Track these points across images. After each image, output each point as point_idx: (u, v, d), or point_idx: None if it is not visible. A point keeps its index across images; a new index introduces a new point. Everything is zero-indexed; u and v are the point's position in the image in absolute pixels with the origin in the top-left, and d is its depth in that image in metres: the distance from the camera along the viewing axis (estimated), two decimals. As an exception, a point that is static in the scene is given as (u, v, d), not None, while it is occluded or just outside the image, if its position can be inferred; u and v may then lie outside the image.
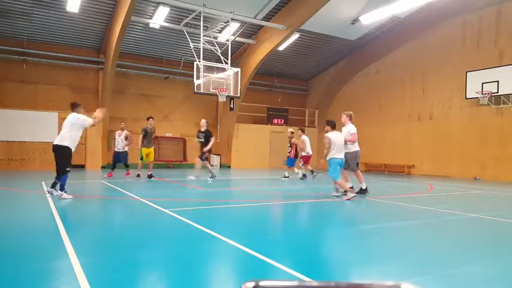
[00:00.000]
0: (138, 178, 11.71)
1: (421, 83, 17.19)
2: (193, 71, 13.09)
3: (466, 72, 15.06)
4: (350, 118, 8.65)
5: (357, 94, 20.17)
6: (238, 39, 16.82)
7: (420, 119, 17.22)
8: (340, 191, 8.32)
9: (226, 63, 13.68)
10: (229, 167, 19.34)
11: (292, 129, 13.45)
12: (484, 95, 14.37)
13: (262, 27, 16.41)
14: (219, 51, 13.87)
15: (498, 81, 14.07)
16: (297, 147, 13.00)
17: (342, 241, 4.67)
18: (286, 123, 20.76)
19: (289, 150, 13.15)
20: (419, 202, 7.90)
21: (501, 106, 14.32)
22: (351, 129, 8.49)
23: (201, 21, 13.48)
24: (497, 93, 14.14)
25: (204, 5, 13.11)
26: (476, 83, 14.70)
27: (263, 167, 19.93)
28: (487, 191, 10.48)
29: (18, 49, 15.54)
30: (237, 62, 18.05)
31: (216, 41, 14.51)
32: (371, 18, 15.80)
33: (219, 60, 13.90)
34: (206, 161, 11.83)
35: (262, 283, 0.72)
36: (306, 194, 9.09)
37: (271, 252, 3.85)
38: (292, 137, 13.12)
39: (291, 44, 17.88)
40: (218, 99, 13.91)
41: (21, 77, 15.96)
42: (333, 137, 7.85)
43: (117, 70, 16.53)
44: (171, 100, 19.21)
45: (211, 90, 13.34)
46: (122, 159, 12.29)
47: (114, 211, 6.64)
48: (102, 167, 16.11)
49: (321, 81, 22.72)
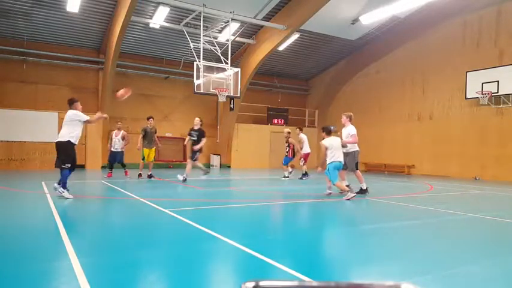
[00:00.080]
0: (139, 178, 11.72)
1: (421, 83, 17.19)
2: (193, 71, 13.09)
3: (466, 72, 15.06)
4: (350, 119, 8.72)
5: (357, 94, 20.17)
6: (238, 39, 16.82)
7: (420, 119, 17.22)
8: (333, 189, 8.47)
9: (226, 63, 13.68)
10: (229, 167, 19.34)
11: (289, 129, 13.51)
12: (484, 95, 14.37)
13: (262, 27, 16.41)
14: (219, 51, 13.87)
15: (498, 81, 14.07)
16: (294, 147, 13.06)
17: (342, 241, 4.67)
18: (286, 123, 20.74)
19: (287, 150, 13.18)
20: (419, 202, 7.90)
21: (501, 106, 14.32)
22: (351, 130, 8.54)
23: (201, 21, 13.48)
24: (497, 93, 14.14)
25: (204, 5, 13.12)
26: (476, 83, 14.70)
27: (263, 167, 19.93)
28: (487, 191, 10.48)
29: (18, 49, 15.54)
30: (237, 62, 18.05)
31: (216, 41, 14.51)
32: (371, 18, 15.80)
33: (219, 60, 13.90)
34: (197, 161, 11.19)
35: (262, 283, 0.72)
36: (306, 194, 9.09)
37: (271, 252, 3.85)
38: (289, 137, 13.15)
39: (291, 44, 17.88)
40: (218, 99, 13.91)
41: (21, 77, 15.96)
42: (328, 143, 8.06)
43: (117, 70, 16.52)
44: (171, 100, 19.22)
45: (211, 90, 13.34)
46: (118, 159, 12.20)
47: (114, 211, 6.64)
48: (102, 167, 16.11)
49: (321, 81, 22.72)
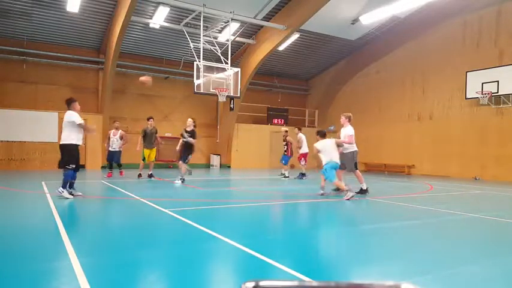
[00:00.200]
0: (139, 178, 11.71)
1: (421, 83, 17.19)
2: (193, 71, 13.09)
3: (466, 72, 15.07)
4: (349, 120, 8.82)
5: (357, 94, 20.17)
6: (238, 39, 16.82)
7: (420, 119, 17.22)
8: (325, 189, 8.55)
9: (226, 63, 13.68)
10: (229, 167, 19.34)
11: (286, 128, 13.57)
12: (484, 95, 14.38)
13: (262, 27, 16.41)
14: (219, 51, 13.87)
15: (498, 81, 14.08)
16: (291, 145, 13.11)
17: (342, 241, 4.67)
18: (286, 123, 20.74)
19: (285, 149, 13.21)
20: (419, 202, 7.91)
21: (501, 106, 14.32)
22: (348, 131, 8.67)
23: (201, 21, 13.48)
24: (497, 93, 14.14)
25: (204, 5, 13.12)
26: (476, 83, 14.70)
27: (263, 167, 19.93)
28: (487, 191, 10.48)
29: (18, 49, 15.54)
30: (237, 62, 18.05)
31: (216, 41, 14.51)
32: (371, 18, 15.81)
33: (219, 60, 13.90)
34: (185, 164, 10.93)
35: (262, 283, 0.72)
36: (305, 194, 9.09)
37: (271, 252, 3.85)
38: (286, 136, 13.21)
39: (291, 44, 17.88)
40: (218, 99, 13.91)
41: (21, 77, 15.96)
42: (320, 145, 8.33)
43: (117, 70, 16.53)
44: (171, 100, 19.22)
45: (211, 90, 13.33)
46: (115, 159, 12.12)
47: (114, 211, 6.64)
48: (102, 167, 16.10)
49: (321, 81, 22.72)
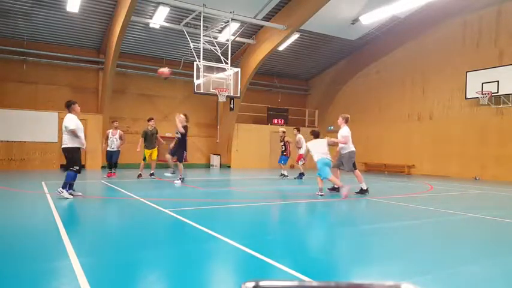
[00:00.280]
0: (139, 178, 11.71)
1: (421, 83, 17.19)
2: (193, 71, 13.08)
3: (466, 72, 15.06)
4: (346, 121, 8.93)
5: (357, 94, 20.17)
6: (238, 39, 16.82)
7: (420, 119, 17.22)
8: (324, 190, 8.58)
9: (226, 63, 13.67)
10: (229, 167, 19.34)
11: (284, 129, 13.62)
12: (484, 95, 14.37)
13: (262, 27, 16.41)
14: (219, 51, 13.86)
15: (498, 81, 14.07)
16: (290, 146, 13.16)
17: (342, 241, 4.67)
18: (286, 123, 20.74)
19: (283, 149, 13.23)
20: (419, 202, 7.91)
21: (501, 106, 14.32)
22: (343, 132, 8.79)
23: (201, 21, 13.47)
24: (497, 93, 14.14)
25: (204, 5, 13.11)
26: (476, 83, 14.70)
27: (263, 167, 19.92)
28: (487, 191, 10.48)
29: (18, 49, 15.54)
30: (237, 62, 18.05)
31: (216, 41, 14.50)
32: (371, 18, 15.80)
33: (219, 60, 13.89)
34: (181, 164, 10.81)
35: (262, 283, 0.72)
36: (305, 194, 9.09)
37: (271, 252, 3.85)
38: (284, 136, 13.23)
39: (291, 44, 17.88)
40: (218, 99, 13.90)
41: (21, 77, 15.95)
42: (311, 144, 8.68)
43: (117, 70, 16.53)
44: (171, 100, 19.21)
45: (211, 90, 13.33)
46: (114, 159, 12.02)
47: (114, 211, 6.64)
48: (102, 167, 16.10)
49: (321, 81, 22.72)
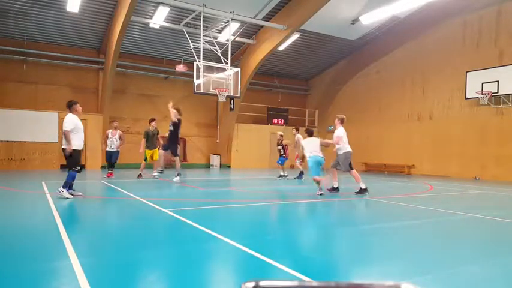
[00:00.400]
0: (139, 178, 11.70)
1: (421, 83, 17.19)
2: (193, 71, 13.09)
3: (466, 72, 15.06)
4: (341, 122, 9.01)
5: (357, 94, 20.16)
6: (238, 39, 16.82)
7: (420, 119, 17.21)
8: (323, 188, 8.61)
9: (226, 63, 13.67)
10: (229, 167, 19.34)
11: (281, 132, 13.68)
12: (484, 95, 14.37)
13: (262, 27, 16.41)
14: (219, 51, 13.86)
15: (498, 81, 14.07)
16: (288, 149, 13.24)
17: (342, 241, 4.67)
18: (286, 123, 20.75)
19: (282, 153, 13.26)
20: (419, 202, 7.91)
21: (501, 106, 14.32)
22: (337, 132, 8.89)
23: (201, 21, 13.47)
24: (497, 93, 14.14)
25: (204, 5, 13.11)
26: (476, 83, 14.70)
27: (263, 167, 19.92)
28: (487, 191, 10.47)
29: (18, 49, 15.54)
30: (237, 62, 18.04)
31: (216, 41, 14.50)
32: (371, 18, 15.80)
33: (219, 60, 13.89)
34: (178, 157, 10.77)
35: (262, 283, 0.72)
36: (305, 194, 9.09)
37: (271, 252, 3.85)
38: (281, 140, 13.27)
39: (291, 44, 17.87)
40: (218, 99, 13.90)
41: (21, 77, 15.95)
42: (305, 142, 8.84)
43: (117, 70, 16.52)
44: (171, 100, 19.14)
45: (211, 90, 13.33)
46: (113, 159, 11.97)
47: (114, 211, 6.64)
48: (102, 167, 16.11)
49: (321, 81, 22.72)
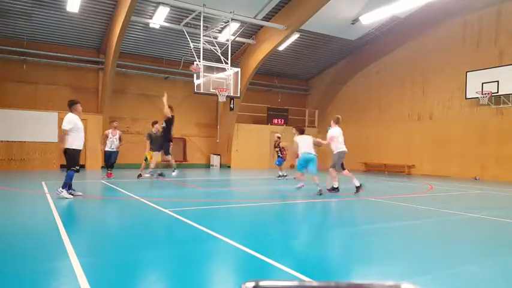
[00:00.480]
0: (139, 178, 11.70)
1: (421, 83, 17.18)
2: (193, 71, 13.08)
3: (466, 72, 15.06)
4: (335, 122, 9.19)
5: (357, 94, 20.16)
6: (238, 39, 16.82)
7: (420, 119, 17.21)
8: (320, 185, 8.75)
9: (226, 63, 13.67)
10: (229, 167, 19.33)
11: (279, 134, 13.71)
12: (484, 95, 14.37)
13: (262, 27, 16.41)
14: (219, 51, 13.86)
15: (498, 81, 14.07)
16: (285, 150, 13.30)
17: (342, 241, 4.67)
18: (286, 123, 20.74)
19: (280, 154, 13.28)
20: (419, 202, 7.91)
21: (501, 106, 14.32)
22: (330, 132, 9.09)
23: (201, 21, 13.47)
24: (497, 93, 14.14)
25: (204, 5, 13.11)
26: (476, 83, 14.70)
27: (263, 167, 19.92)
28: (487, 191, 10.48)
29: (18, 49, 15.53)
30: (237, 62, 18.04)
31: (216, 41, 14.50)
32: (371, 18, 15.80)
33: (219, 60, 13.89)
34: (169, 155, 10.76)
35: (262, 283, 0.72)
36: (305, 194, 9.09)
37: (271, 252, 3.85)
38: (279, 142, 13.32)
39: (291, 44, 17.87)
40: (218, 99, 13.90)
41: (21, 77, 15.95)
42: (298, 139, 9.17)
43: (117, 70, 16.52)
44: (171, 100, 18.80)
45: (211, 90, 13.33)
46: (113, 159, 11.94)
47: (114, 211, 6.64)
48: (102, 167, 16.10)
49: (321, 81, 22.71)
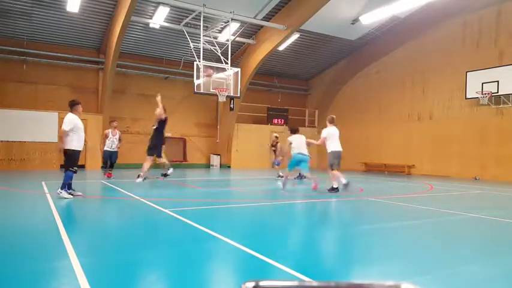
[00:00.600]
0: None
1: (421, 83, 17.18)
2: (193, 71, 13.08)
3: (466, 72, 15.06)
4: (329, 121, 9.29)
5: (357, 94, 20.16)
6: (238, 39, 16.82)
7: (420, 119, 17.21)
8: (317, 181, 9.27)
9: (226, 63, 13.67)
10: (229, 167, 19.33)
11: (277, 134, 13.73)
12: (484, 95, 14.37)
13: (262, 27, 16.41)
14: (219, 51, 13.86)
15: (498, 81, 14.07)
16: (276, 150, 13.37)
17: (342, 241, 4.67)
18: (286, 123, 20.74)
19: (276, 154, 13.33)
20: (419, 202, 7.90)
21: (501, 106, 14.32)
22: (323, 132, 9.19)
23: (201, 21, 13.47)
24: (497, 93, 14.14)
25: (204, 5, 13.11)
26: (476, 83, 14.70)
27: (263, 167, 19.92)
28: (487, 191, 10.47)
29: (18, 49, 15.54)
30: (237, 62, 18.04)
31: (216, 41, 14.50)
32: (371, 18, 15.80)
33: (219, 60, 13.89)
34: (161, 158, 10.54)
35: (262, 283, 0.72)
36: (305, 194, 9.09)
37: (271, 252, 3.85)
38: (277, 141, 13.35)
39: (291, 44, 17.87)
40: (218, 99, 13.90)
41: (21, 77, 15.95)
42: (291, 138, 9.43)
43: (117, 70, 16.52)
44: (171, 100, 19.15)
45: (211, 90, 13.32)
46: (113, 159, 11.91)
47: (114, 211, 6.64)
48: (102, 167, 16.10)
49: (321, 81, 22.71)
